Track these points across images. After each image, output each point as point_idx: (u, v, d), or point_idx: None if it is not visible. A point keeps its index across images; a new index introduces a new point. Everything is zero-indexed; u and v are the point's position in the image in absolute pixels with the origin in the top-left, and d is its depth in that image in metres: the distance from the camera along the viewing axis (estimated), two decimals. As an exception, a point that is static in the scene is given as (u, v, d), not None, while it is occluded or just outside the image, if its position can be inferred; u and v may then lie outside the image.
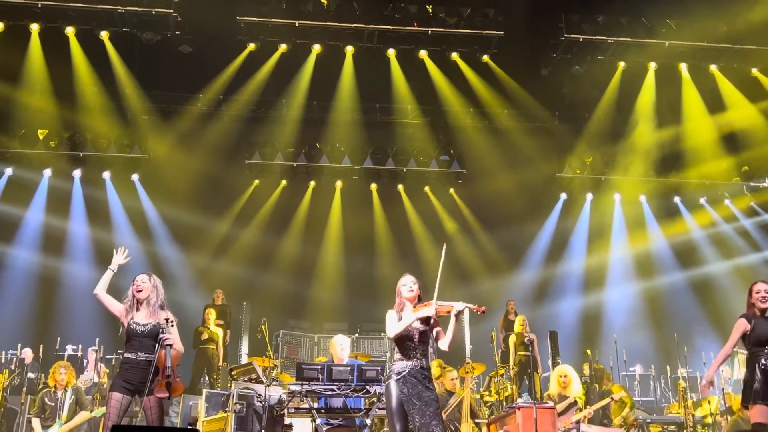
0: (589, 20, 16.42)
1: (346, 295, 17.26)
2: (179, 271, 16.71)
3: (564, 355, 14.41)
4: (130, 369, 6.64)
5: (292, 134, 17.37)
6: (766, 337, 6.95)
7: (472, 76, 17.02)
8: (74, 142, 16.59)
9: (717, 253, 18.08)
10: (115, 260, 7.09)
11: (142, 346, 6.65)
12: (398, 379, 6.23)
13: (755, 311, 7.13)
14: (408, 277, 6.59)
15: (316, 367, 7.74)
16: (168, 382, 6.60)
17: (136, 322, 6.72)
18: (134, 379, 6.60)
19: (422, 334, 6.36)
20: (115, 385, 6.64)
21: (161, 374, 6.60)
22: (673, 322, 16.84)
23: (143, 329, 6.69)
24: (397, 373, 6.26)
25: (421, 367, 6.28)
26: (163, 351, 6.60)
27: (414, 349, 6.33)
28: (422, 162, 17.78)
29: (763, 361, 6.88)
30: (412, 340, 6.33)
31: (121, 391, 6.57)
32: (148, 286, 6.86)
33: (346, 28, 15.95)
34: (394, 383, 6.23)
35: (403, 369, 6.26)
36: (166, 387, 6.59)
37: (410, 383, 6.21)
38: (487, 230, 17.98)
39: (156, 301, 6.84)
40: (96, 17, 15.43)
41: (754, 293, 7.19)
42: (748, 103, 17.04)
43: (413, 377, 6.23)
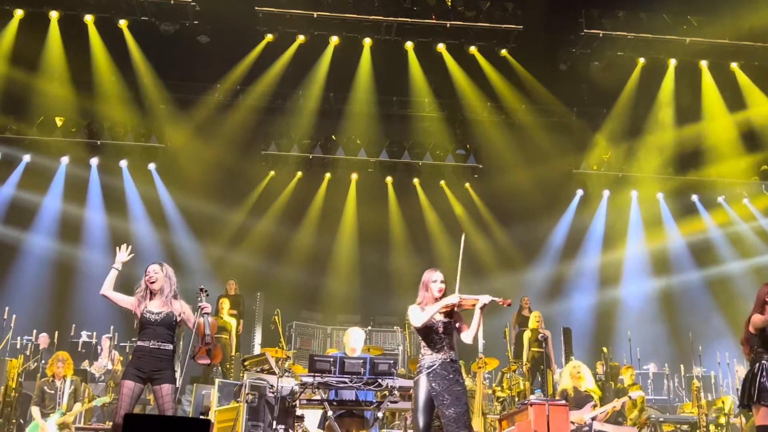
0: (609, 15, 16.31)
1: (359, 288, 17.27)
2: (194, 260, 16.78)
3: (577, 353, 14.36)
4: (142, 357, 6.66)
5: (309, 126, 17.37)
6: None
7: (490, 70, 16.94)
8: (92, 130, 16.69)
9: (734, 252, 17.94)
10: (119, 258, 7.07)
11: (156, 334, 6.68)
12: (429, 372, 6.18)
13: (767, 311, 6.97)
14: (438, 273, 6.45)
15: (328, 359, 7.73)
16: (208, 349, 6.74)
17: (149, 311, 6.75)
18: (146, 367, 6.62)
19: (446, 326, 6.29)
20: (127, 373, 6.67)
21: (201, 341, 6.75)
22: (688, 320, 16.73)
23: (156, 318, 6.72)
24: (427, 367, 6.21)
25: (451, 360, 6.23)
26: (201, 319, 6.73)
27: (441, 342, 6.26)
28: (438, 156, 17.73)
29: (765, 362, 6.78)
30: (437, 333, 6.27)
31: (133, 379, 6.59)
32: (161, 276, 6.88)
33: (364, 20, 15.91)
34: (425, 377, 6.18)
35: (434, 363, 6.20)
36: (206, 353, 6.74)
37: (441, 377, 6.16)
38: (503, 225, 17.92)
39: (169, 291, 6.86)
40: (115, 5, 15.49)
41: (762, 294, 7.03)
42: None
43: (444, 371, 6.18)
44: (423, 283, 6.46)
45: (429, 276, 6.44)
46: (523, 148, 17.39)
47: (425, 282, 6.43)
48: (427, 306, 6.32)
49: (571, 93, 17.82)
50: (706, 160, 17.61)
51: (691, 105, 17.29)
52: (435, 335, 6.28)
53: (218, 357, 6.98)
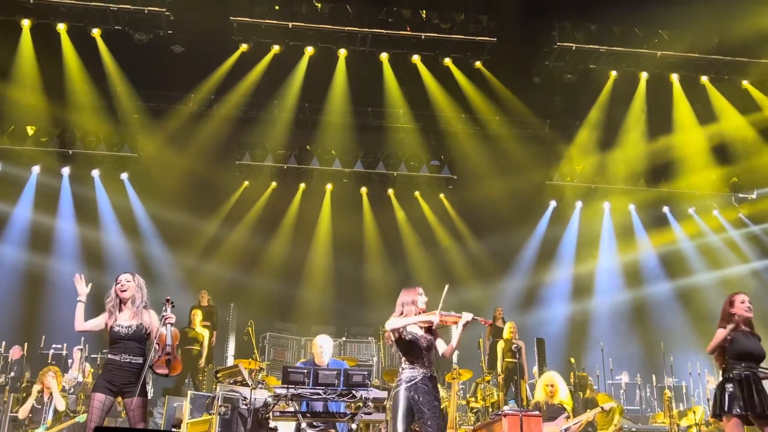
0: (581, 29, 16.48)
1: (334, 299, 17.23)
2: (166, 271, 16.65)
3: (551, 363, 14.43)
4: (113, 370, 6.56)
5: (283, 136, 17.34)
6: (745, 351, 6.87)
7: (465, 81, 17.04)
8: (64, 139, 16.51)
9: (705, 263, 18.15)
10: (81, 290, 6.82)
11: (126, 348, 6.58)
12: (410, 386, 6.26)
13: (734, 322, 7.00)
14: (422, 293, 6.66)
15: (302, 370, 7.68)
16: (168, 359, 6.64)
17: (119, 324, 6.65)
18: (117, 381, 6.53)
19: (428, 342, 6.42)
20: (98, 385, 6.58)
21: (161, 351, 6.63)
22: (659, 331, 16.89)
23: (127, 331, 6.62)
24: (407, 381, 6.28)
25: (431, 375, 6.35)
26: (164, 329, 6.64)
27: (422, 357, 6.37)
28: (413, 167, 17.76)
29: (737, 372, 6.84)
30: (419, 348, 6.37)
31: (103, 392, 6.50)
32: (133, 286, 6.79)
33: (339, 31, 15.94)
34: (404, 390, 6.25)
35: (414, 377, 6.29)
36: (165, 364, 6.64)
37: (422, 390, 6.24)
38: (477, 236, 18.00)
39: (140, 302, 6.76)
40: (88, 14, 15.36)
41: (738, 303, 7.03)
42: (738, 115, 17.15)
43: (424, 385, 6.27)
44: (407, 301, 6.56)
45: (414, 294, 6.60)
46: (497, 160, 17.50)
47: (413, 300, 6.54)
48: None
49: (545, 105, 18.00)
50: (677, 173, 17.82)
51: (662, 118, 17.50)
52: (416, 350, 6.37)
53: (177, 369, 6.83)
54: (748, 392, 6.72)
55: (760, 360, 6.92)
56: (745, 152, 17.50)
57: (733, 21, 15.47)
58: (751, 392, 6.71)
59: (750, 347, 6.89)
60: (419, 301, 6.54)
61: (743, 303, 7.04)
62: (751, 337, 6.98)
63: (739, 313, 7.00)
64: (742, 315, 6.99)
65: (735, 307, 7.04)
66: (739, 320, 6.97)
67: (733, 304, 7.07)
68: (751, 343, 6.92)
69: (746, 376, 6.79)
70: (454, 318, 6.42)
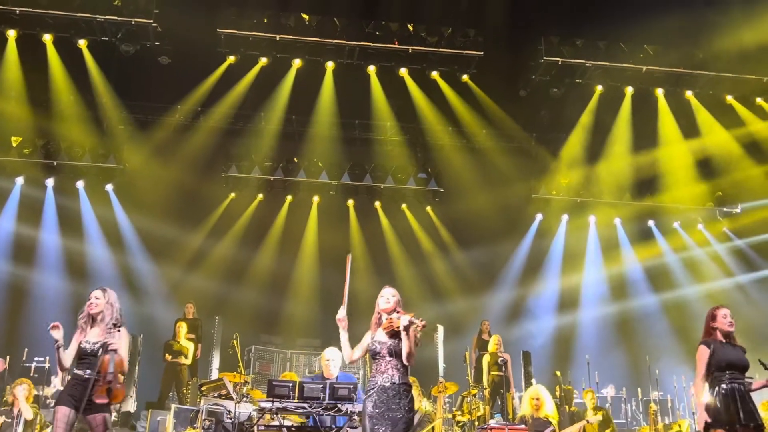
0: (568, 43, 16.59)
1: (320, 311, 17.13)
2: (151, 283, 16.55)
3: (537, 376, 14.43)
4: (76, 385, 6.50)
5: (270, 148, 17.31)
6: (726, 362, 6.89)
7: (452, 95, 17.09)
8: (48, 150, 16.40)
9: (690, 277, 18.23)
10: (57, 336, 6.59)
11: (91, 364, 6.49)
12: (367, 396, 6.12)
13: (716, 335, 7.05)
14: (387, 289, 6.46)
15: (287, 384, 7.64)
16: (109, 388, 6.45)
17: (87, 340, 6.60)
18: (78, 395, 6.42)
19: (390, 348, 6.17)
20: (62, 399, 6.50)
21: (102, 380, 6.44)
22: (645, 344, 16.93)
23: (93, 348, 6.55)
24: (367, 391, 6.16)
25: (392, 383, 6.06)
26: (107, 356, 6.47)
27: (385, 365, 6.14)
28: (400, 179, 17.78)
29: (724, 386, 6.85)
30: (380, 355, 6.19)
31: (67, 405, 6.42)
32: (102, 302, 6.71)
33: (326, 44, 15.97)
34: (368, 401, 6.11)
35: (373, 386, 6.12)
36: (106, 393, 6.44)
37: (379, 400, 6.04)
38: (463, 249, 18.01)
39: (110, 318, 6.68)
40: (75, 25, 15.30)
41: (720, 317, 7.04)
42: (722, 129, 17.28)
43: (383, 393, 6.05)
44: (376, 301, 6.44)
45: (380, 293, 6.46)
46: (484, 173, 17.54)
47: (377, 300, 6.43)
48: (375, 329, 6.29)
49: (531, 119, 18.09)
50: (662, 187, 17.92)
51: (647, 132, 17.60)
52: (379, 358, 6.20)
53: (119, 397, 6.63)
54: (734, 405, 6.73)
55: (744, 370, 6.94)
56: (730, 167, 17.63)
57: (717, 36, 15.62)
58: (737, 404, 6.72)
59: (732, 358, 6.91)
60: (380, 302, 6.38)
61: (725, 317, 7.06)
62: (733, 348, 7.00)
63: (720, 328, 7.03)
64: (724, 329, 7.02)
65: (717, 321, 7.06)
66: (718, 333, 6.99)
67: (715, 318, 7.08)
68: (733, 354, 6.94)
69: (732, 389, 6.80)
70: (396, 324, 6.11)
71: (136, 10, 15.12)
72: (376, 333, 6.31)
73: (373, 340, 6.28)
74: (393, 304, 6.34)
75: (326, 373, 8.39)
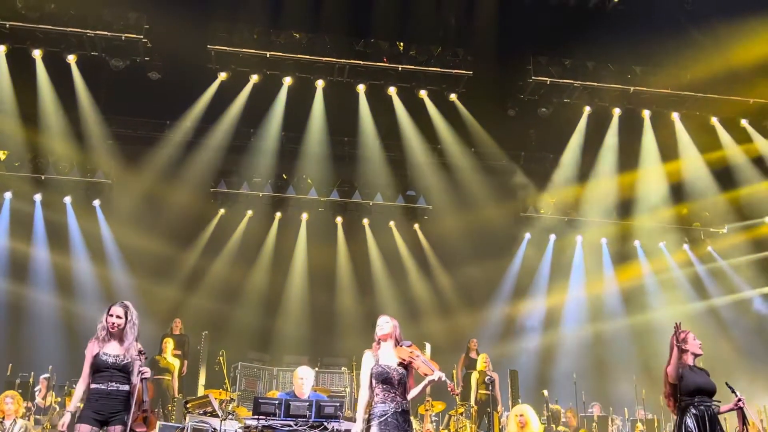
0: (556, 63, 16.70)
1: (307, 329, 17.12)
2: (139, 299, 16.35)
3: (524, 395, 14.41)
4: (99, 399, 6.51)
5: (259, 164, 17.30)
6: (695, 386, 6.93)
7: (440, 114, 17.15)
8: (36, 164, 16.34)
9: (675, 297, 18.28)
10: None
11: (113, 376, 6.54)
12: (381, 422, 6.20)
13: (686, 359, 7.06)
14: (382, 317, 6.64)
15: (273, 401, 7.62)
16: (145, 417, 6.56)
17: (106, 353, 6.60)
18: (104, 410, 6.48)
19: (401, 377, 6.38)
20: (84, 416, 6.49)
21: (139, 408, 6.52)
22: (631, 364, 16.92)
23: (114, 361, 6.57)
24: (379, 416, 6.23)
25: (403, 410, 6.29)
26: (141, 384, 6.53)
27: (394, 391, 6.33)
28: (388, 196, 17.81)
29: (693, 410, 6.89)
30: (391, 383, 6.32)
31: (89, 423, 6.44)
32: (123, 321, 6.71)
33: (316, 62, 16.02)
34: (376, 427, 6.19)
35: (386, 412, 6.23)
36: (143, 421, 6.54)
37: (393, 426, 6.19)
38: (451, 267, 18.02)
39: (132, 338, 6.72)
40: (65, 40, 15.29)
41: (691, 341, 7.13)
42: (709, 151, 17.40)
43: (395, 420, 6.22)
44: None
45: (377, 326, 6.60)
46: (472, 191, 17.59)
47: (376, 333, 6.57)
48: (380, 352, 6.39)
49: (519, 138, 18.19)
50: (648, 207, 18.01)
51: (635, 152, 17.70)
52: (389, 384, 6.31)
53: (154, 425, 6.85)
54: (705, 428, 6.77)
55: (712, 394, 7.00)
56: (715, 187, 17.74)
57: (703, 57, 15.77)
58: (706, 428, 6.76)
59: (701, 382, 6.96)
60: (377, 330, 6.54)
61: (695, 340, 7.16)
62: (699, 372, 7.06)
63: (693, 350, 7.10)
64: (696, 352, 7.09)
65: (688, 344, 7.11)
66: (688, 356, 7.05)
67: (686, 341, 7.12)
68: (701, 378, 6.99)
69: (702, 412, 6.84)
70: (427, 370, 6.37)
71: (126, 25, 15.14)
72: (380, 356, 6.44)
73: (379, 363, 6.41)
74: (388, 330, 6.52)
75: (298, 392, 8.40)
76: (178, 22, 14.82)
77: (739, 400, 6.98)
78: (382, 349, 6.45)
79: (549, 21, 16.70)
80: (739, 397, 6.99)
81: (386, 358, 6.43)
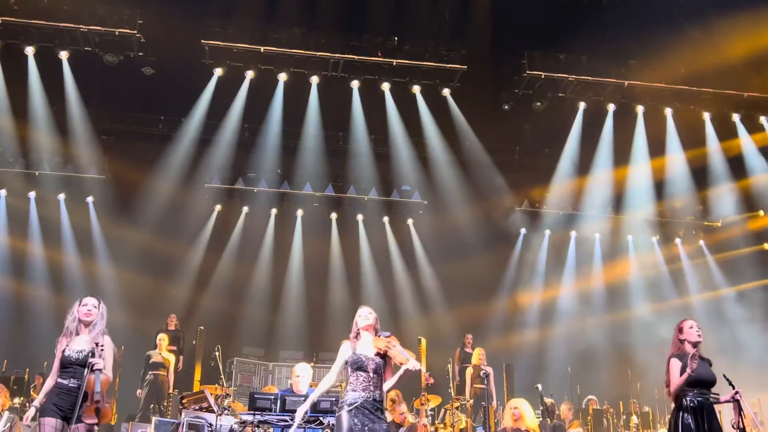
0: (551, 57, 16.73)
1: (303, 324, 17.12)
2: (132, 294, 16.41)
3: (519, 389, 14.44)
4: (60, 394, 6.50)
5: (254, 159, 17.28)
6: (694, 378, 6.93)
7: (435, 108, 17.14)
8: (29, 160, 16.31)
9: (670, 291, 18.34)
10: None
11: (75, 373, 6.52)
12: (350, 410, 6.19)
13: (684, 348, 7.07)
14: (364, 309, 6.64)
15: (269, 396, 7.62)
16: (97, 408, 6.47)
17: (72, 348, 6.59)
18: (64, 405, 6.45)
19: (377, 366, 6.36)
20: (47, 409, 6.48)
21: (90, 399, 6.45)
22: (626, 357, 16.96)
23: (77, 356, 6.56)
24: (349, 404, 6.22)
25: (373, 399, 6.26)
26: (92, 376, 6.46)
27: (367, 380, 6.31)
28: (383, 191, 17.82)
29: (691, 401, 6.89)
30: (366, 371, 6.32)
31: (53, 416, 6.43)
32: (96, 313, 6.74)
33: (311, 56, 15.99)
34: (346, 414, 6.19)
35: (356, 400, 6.22)
36: (95, 413, 6.46)
37: (362, 413, 6.18)
38: (446, 262, 17.99)
39: (100, 329, 6.71)
40: (58, 35, 15.25)
41: (687, 329, 7.09)
42: (705, 143, 17.44)
43: (365, 408, 6.20)
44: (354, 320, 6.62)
45: (357, 312, 6.65)
46: (467, 186, 17.59)
47: (355, 319, 6.61)
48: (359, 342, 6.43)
49: (514, 132, 18.21)
50: (641, 201, 18.04)
51: (630, 146, 17.72)
52: (363, 373, 6.32)
53: (108, 416, 6.71)
54: (701, 420, 6.78)
55: (711, 385, 6.97)
56: (710, 181, 17.79)
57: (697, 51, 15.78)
58: (703, 420, 6.77)
59: (701, 374, 6.94)
60: (359, 321, 6.54)
61: (692, 328, 7.11)
62: (701, 363, 7.02)
63: (688, 339, 7.07)
64: (692, 340, 7.06)
65: (684, 333, 7.10)
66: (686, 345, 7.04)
67: (683, 331, 7.12)
68: (701, 369, 6.96)
69: (700, 404, 6.84)
70: (403, 359, 6.33)
71: (120, 20, 15.11)
72: (357, 347, 6.44)
73: (356, 353, 6.40)
74: (372, 321, 6.53)
75: (296, 389, 8.43)
76: (171, 17, 14.79)
77: (736, 393, 6.97)
78: (361, 339, 6.46)
79: (543, 15, 16.72)
80: (735, 390, 6.98)
81: (364, 348, 6.45)
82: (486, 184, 17.68)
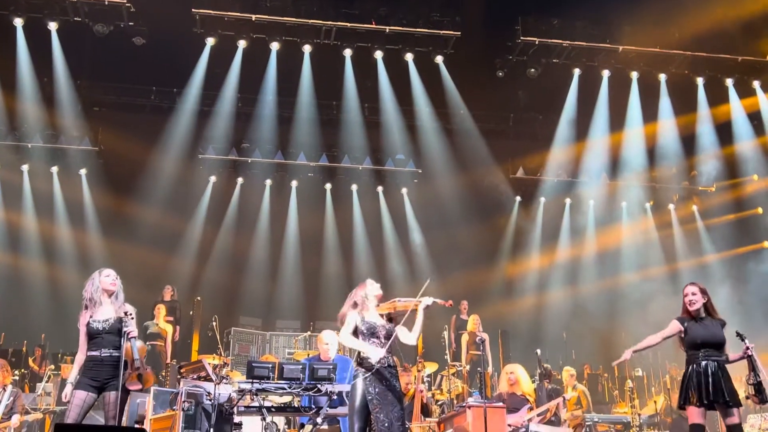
0: (544, 23, 16.56)
1: (299, 293, 17.19)
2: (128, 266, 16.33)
3: (515, 355, 14.54)
4: (94, 367, 6.64)
5: (246, 130, 17.20)
6: (700, 340, 6.97)
7: (429, 75, 17.03)
8: (22, 133, 16.20)
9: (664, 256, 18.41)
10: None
11: (105, 342, 6.65)
12: (366, 377, 6.27)
13: (688, 314, 7.18)
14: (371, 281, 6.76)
15: (266, 365, 7.66)
16: (139, 374, 6.73)
17: (95, 320, 6.72)
18: (100, 377, 6.62)
19: (387, 331, 6.44)
20: (80, 383, 6.63)
21: (131, 367, 6.69)
22: (621, 322, 17.06)
23: (104, 326, 6.69)
24: (364, 371, 6.29)
25: (388, 365, 6.35)
26: (129, 344, 6.64)
27: (381, 347, 6.37)
28: (378, 161, 17.77)
29: (699, 364, 6.96)
30: (378, 337, 6.39)
31: (85, 389, 6.57)
32: (118, 282, 6.95)
33: (303, 24, 15.82)
34: (362, 381, 6.28)
35: (372, 366, 6.30)
36: (138, 378, 6.72)
37: (378, 380, 6.27)
38: (442, 230, 18.01)
39: (122, 297, 6.91)
40: (47, 6, 15.04)
41: (684, 296, 7.23)
42: (699, 109, 17.39)
43: (381, 374, 6.29)
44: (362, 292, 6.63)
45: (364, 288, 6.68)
46: (462, 154, 17.56)
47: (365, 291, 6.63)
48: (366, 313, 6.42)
49: (508, 99, 18.13)
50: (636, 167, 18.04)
51: (624, 112, 17.66)
52: (376, 340, 6.36)
53: (150, 381, 7.03)
54: (706, 381, 6.84)
55: (719, 347, 7.02)
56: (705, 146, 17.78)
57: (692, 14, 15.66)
58: (709, 381, 6.83)
59: (705, 335, 6.99)
60: (371, 292, 6.60)
61: (686, 296, 7.22)
62: (707, 325, 7.07)
63: (685, 305, 7.19)
64: (686, 308, 7.16)
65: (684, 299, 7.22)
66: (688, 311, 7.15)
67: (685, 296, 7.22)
68: (704, 331, 7.01)
69: (706, 366, 6.90)
70: (414, 303, 6.42)
71: (109, -10, 14.91)
72: (365, 314, 6.51)
73: (365, 320, 6.48)
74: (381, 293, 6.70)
75: (323, 356, 8.66)
76: (161, -15, 14.61)
77: (747, 348, 7.03)
78: (368, 309, 6.50)
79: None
80: (747, 345, 7.04)
81: (372, 317, 6.54)
82: (480, 152, 17.64)
